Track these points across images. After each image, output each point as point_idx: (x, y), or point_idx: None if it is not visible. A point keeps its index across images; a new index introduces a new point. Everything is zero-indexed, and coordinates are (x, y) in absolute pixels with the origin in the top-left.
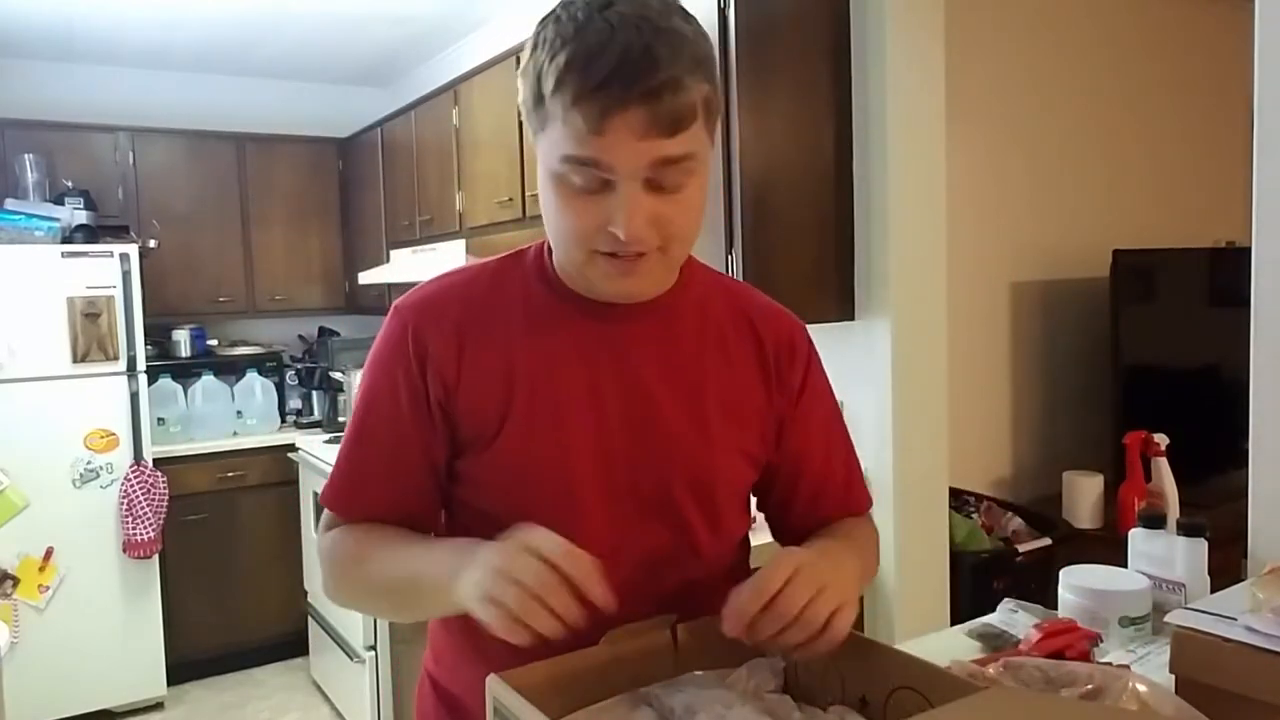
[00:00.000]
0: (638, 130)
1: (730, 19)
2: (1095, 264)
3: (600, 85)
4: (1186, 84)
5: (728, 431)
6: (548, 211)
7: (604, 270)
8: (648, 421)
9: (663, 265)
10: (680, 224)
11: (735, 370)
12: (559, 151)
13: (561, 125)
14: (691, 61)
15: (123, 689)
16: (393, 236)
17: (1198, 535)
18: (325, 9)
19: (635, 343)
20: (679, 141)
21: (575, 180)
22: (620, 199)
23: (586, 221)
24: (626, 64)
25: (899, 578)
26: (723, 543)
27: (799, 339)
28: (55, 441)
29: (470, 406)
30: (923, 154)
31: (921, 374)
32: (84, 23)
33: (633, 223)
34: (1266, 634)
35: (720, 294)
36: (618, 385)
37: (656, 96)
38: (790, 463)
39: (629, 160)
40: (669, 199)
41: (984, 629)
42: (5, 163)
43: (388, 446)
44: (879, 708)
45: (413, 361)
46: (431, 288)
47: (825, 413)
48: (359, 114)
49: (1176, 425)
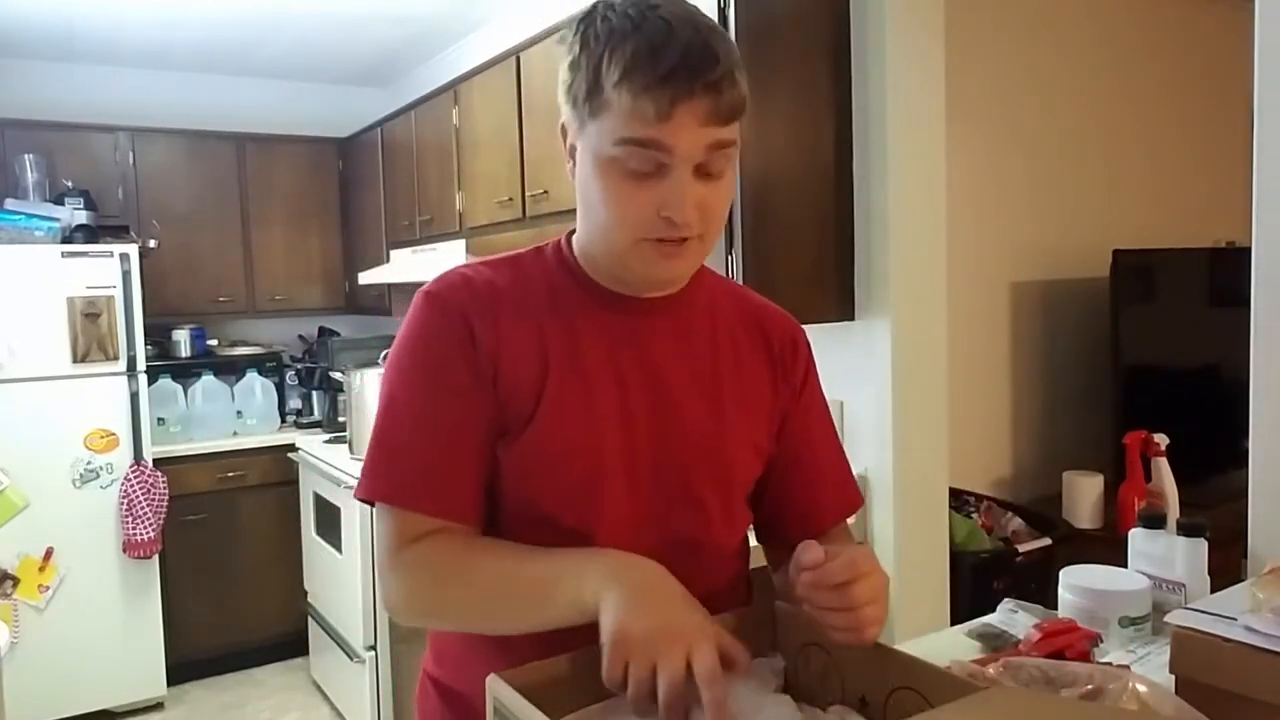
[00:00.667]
0: (700, 118)
1: (730, 19)
2: (1095, 264)
3: (669, 75)
4: (1186, 84)
5: (742, 424)
6: (593, 198)
7: (649, 255)
8: (669, 412)
9: (700, 252)
10: (719, 210)
11: (745, 365)
12: (617, 135)
13: (623, 112)
14: (739, 59)
15: (123, 689)
16: (393, 236)
17: (1198, 535)
18: (325, 9)
19: (654, 335)
20: (731, 130)
21: (630, 164)
22: (674, 183)
23: (639, 207)
24: (691, 57)
25: (899, 578)
26: (734, 535)
27: (800, 338)
28: (55, 441)
29: (511, 384)
30: (923, 154)
31: (921, 374)
32: (84, 23)
33: (686, 206)
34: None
35: (725, 294)
36: (640, 375)
37: (718, 88)
38: (790, 456)
39: (690, 145)
40: (713, 186)
41: (984, 629)
42: (5, 163)
43: (462, 428)
44: (879, 708)
45: (465, 337)
46: (460, 273)
47: (821, 411)
48: (359, 114)
49: (1176, 425)
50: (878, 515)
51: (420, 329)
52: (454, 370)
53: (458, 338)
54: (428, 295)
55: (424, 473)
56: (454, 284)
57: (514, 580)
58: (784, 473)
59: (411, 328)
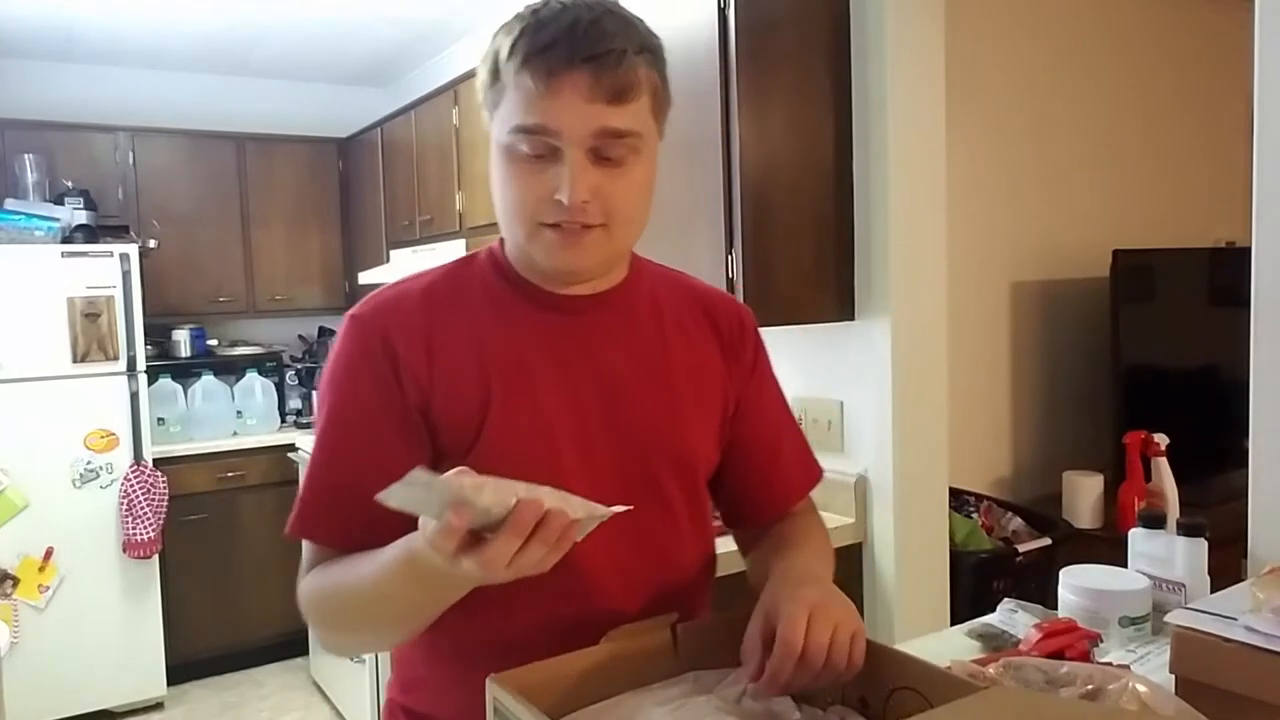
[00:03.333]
0: (584, 92)
1: (730, 19)
2: (1095, 264)
3: (548, 46)
4: (1186, 83)
5: (699, 413)
6: (497, 188)
7: (549, 242)
8: (625, 411)
9: (605, 244)
10: (623, 202)
11: (697, 351)
12: (510, 123)
13: (512, 92)
14: (639, 44)
15: (123, 689)
16: (393, 236)
17: (1198, 535)
18: (325, 9)
19: (599, 334)
20: (624, 113)
21: (523, 149)
22: (566, 165)
23: (533, 191)
24: (576, 30)
25: (899, 578)
26: (700, 527)
27: (746, 319)
28: (55, 441)
29: (446, 409)
30: (923, 154)
31: (921, 374)
32: (84, 23)
33: (577, 188)
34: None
35: (666, 283)
36: (589, 376)
37: (601, 62)
38: (748, 438)
39: (575, 123)
40: (613, 173)
41: (984, 629)
42: (5, 163)
43: (372, 460)
44: (879, 708)
45: (385, 367)
46: (390, 293)
47: (774, 390)
48: (359, 114)
49: (1176, 425)
50: (878, 515)
51: (342, 356)
52: (366, 399)
53: (375, 366)
54: (351, 319)
55: (326, 505)
56: (380, 307)
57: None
58: (744, 456)
59: (334, 353)
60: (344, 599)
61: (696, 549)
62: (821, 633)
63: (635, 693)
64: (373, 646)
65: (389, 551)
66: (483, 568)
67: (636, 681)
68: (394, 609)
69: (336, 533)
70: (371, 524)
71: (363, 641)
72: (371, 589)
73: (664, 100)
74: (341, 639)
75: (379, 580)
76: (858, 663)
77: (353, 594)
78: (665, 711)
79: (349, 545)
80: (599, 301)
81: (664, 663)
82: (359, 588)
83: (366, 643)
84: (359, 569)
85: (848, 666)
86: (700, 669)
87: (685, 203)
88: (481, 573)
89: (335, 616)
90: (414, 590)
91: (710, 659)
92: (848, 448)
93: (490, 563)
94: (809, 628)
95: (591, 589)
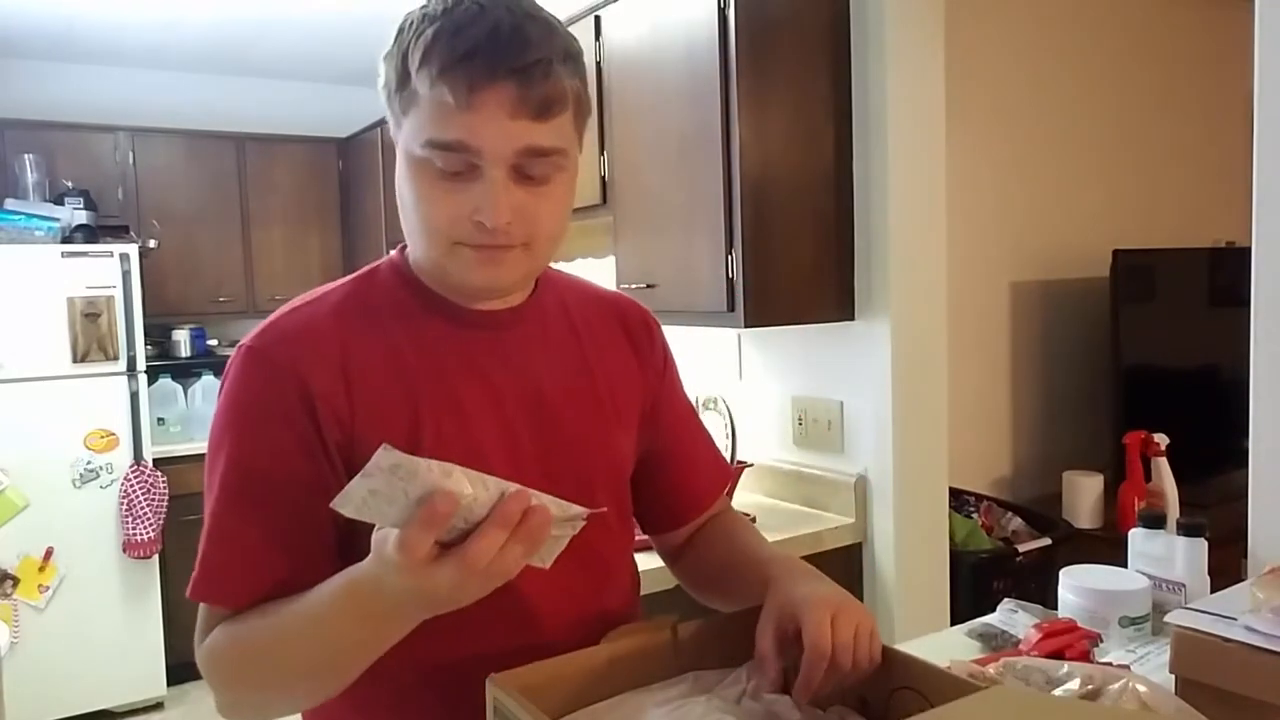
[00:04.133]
0: (507, 108)
1: (730, 19)
2: (1095, 264)
3: (468, 54)
4: (1187, 84)
5: (620, 420)
6: (406, 202)
7: (465, 261)
8: (553, 424)
9: (526, 262)
10: (546, 222)
11: (610, 357)
12: (423, 135)
13: (427, 104)
14: (563, 51)
15: (123, 689)
16: (393, 236)
17: (1198, 535)
18: (325, 9)
19: (520, 350)
20: (549, 129)
21: (438, 165)
22: (487, 185)
23: (450, 210)
24: (498, 38)
25: (899, 578)
26: (627, 538)
27: (649, 319)
28: (55, 441)
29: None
30: (923, 154)
31: (921, 374)
32: (84, 23)
33: (499, 210)
34: (1266, 634)
35: (571, 290)
36: (516, 394)
37: (527, 75)
38: (665, 441)
39: (498, 142)
40: (536, 192)
41: (984, 629)
42: (5, 163)
43: (279, 510)
44: (879, 708)
45: (295, 404)
46: (292, 319)
47: (682, 391)
48: (359, 114)
49: (1176, 425)
50: (878, 515)
51: (238, 395)
52: (276, 442)
53: (285, 403)
54: (247, 352)
55: (238, 565)
56: (285, 335)
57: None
58: (661, 459)
59: (231, 391)
60: (266, 648)
61: (629, 565)
62: (846, 634)
63: (635, 693)
64: (288, 706)
65: (326, 586)
66: (464, 571)
67: (636, 681)
68: (328, 651)
69: (246, 594)
70: (289, 582)
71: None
72: (302, 630)
73: (585, 108)
74: (255, 697)
75: (314, 618)
76: (876, 659)
77: (277, 641)
78: (665, 711)
79: (233, 601)
80: (516, 316)
81: (664, 663)
82: (285, 633)
83: (285, 700)
84: (286, 613)
85: (869, 664)
86: (700, 669)
87: (685, 203)
88: (459, 578)
89: (252, 669)
90: (356, 627)
91: (710, 659)
92: (848, 448)
93: (473, 564)
94: (834, 630)
95: (537, 613)
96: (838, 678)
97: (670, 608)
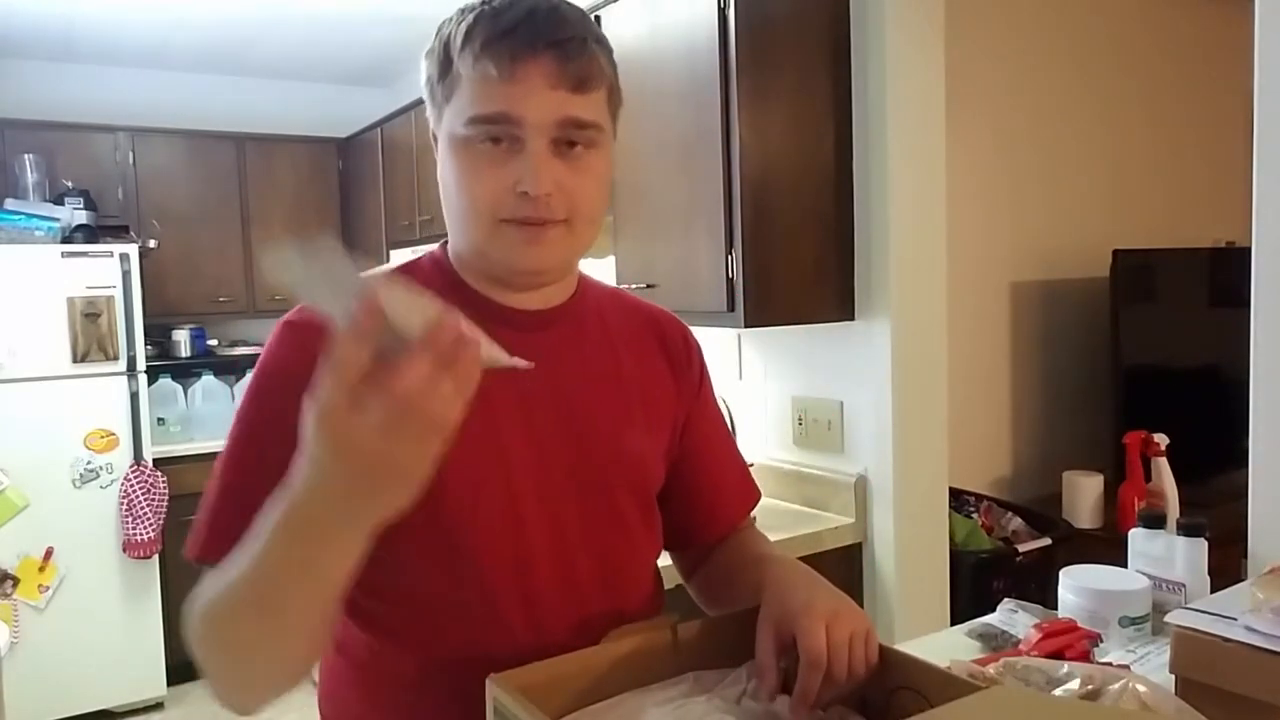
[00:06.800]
0: (547, 78)
1: (730, 19)
2: (1095, 264)
3: (510, 30)
4: (1186, 83)
5: (652, 430)
6: (451, 187)
7: (510, 240)
8: (582, 428)
9: (567, 241)
10: (585, 198)
11: (647, 369)
12: (467, 114)
13: (469, 82)
14: (596, 35)
15: (123, 689)
16: (393, 236)
17: (1198, 535)
18: (325, 9)
19: (552, 351)
20: (588, 102)
21: (481, 140)
22: (528, 156)
23: (493, 184)
24: (536, 15)
25: (899, 578)
26: (653, 549)
27: (689, 336)
28: (55, 441)
29: None
30: (923, 154)
31: (921, 374)
32: (84, 23)
33: (541, 180)
34: (1266, 634)
35: (610, 299)
36: (545, 395)
37: (565, 49)
38: (693, 458)
39: (540, 111)
40: (575, 167)
41: (984, 629)
42: (5, 163)
43: None
44: (879, 708)
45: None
46: None
47: (716, 409)
48: (359, 114)
49: (1176, 425)
50: (878, 515)
51: (269, 362)
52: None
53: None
54: (287, 325)
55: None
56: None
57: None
58: (689, 476)
59: (263, 360)
60: (227, 601)
61: (650, 574)
62: (841, 641)
63: (635, 693)
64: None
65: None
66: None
67: (636, 681)
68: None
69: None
70: None
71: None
72: (241, 567)
73: (619, 97)
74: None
75: (250, 551)
76: (873, 663)
77: (234, 590)
78: (665, 711)
79: None
80: (551, 317)
81: (664, 663)
82: (238, 581)
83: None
84: (239, 557)
85: (866, 669)
86: (700, 669)
87: (685, 203)
88: (386, 420)
89: (221, 630)
90: (288, 543)
91: (710, 659)
92: (848, 448)
93: (402, 396)
94: (829, 638)
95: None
96: (835, 686)
97: (671, 607)
